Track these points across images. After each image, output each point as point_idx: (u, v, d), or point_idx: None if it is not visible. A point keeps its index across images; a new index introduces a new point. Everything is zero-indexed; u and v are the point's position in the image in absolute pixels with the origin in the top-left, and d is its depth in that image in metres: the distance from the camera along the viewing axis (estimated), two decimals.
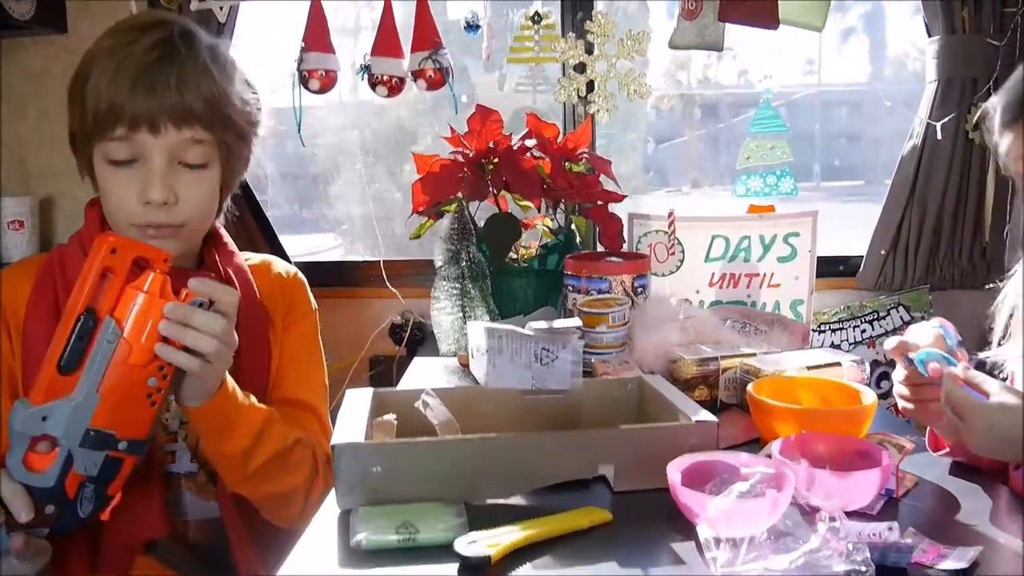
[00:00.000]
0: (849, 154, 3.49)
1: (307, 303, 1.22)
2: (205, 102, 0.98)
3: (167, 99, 0.96)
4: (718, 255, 1.53)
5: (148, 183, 0.97)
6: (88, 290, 0.81)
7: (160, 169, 0.98)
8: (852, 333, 1.91)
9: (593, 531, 0.79)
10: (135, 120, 0.95)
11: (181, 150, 0.99)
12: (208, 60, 1.00)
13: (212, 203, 1.07)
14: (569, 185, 1.50)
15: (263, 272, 1.19)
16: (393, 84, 1.80)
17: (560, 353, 0.97)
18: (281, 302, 1.18)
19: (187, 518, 1.08)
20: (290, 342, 1.17)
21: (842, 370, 1.12)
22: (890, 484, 0.84)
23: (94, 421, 0.82)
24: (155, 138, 0.97)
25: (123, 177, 0.98)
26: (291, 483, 1.03)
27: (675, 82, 2.78)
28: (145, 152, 0.97)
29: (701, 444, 0.87)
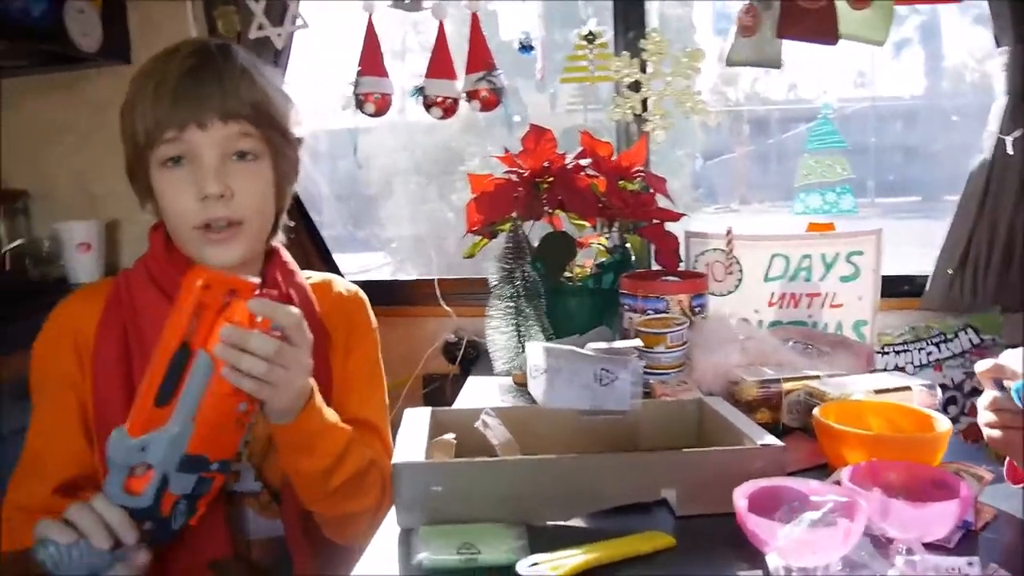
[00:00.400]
0: (905, 169, 3.40)
1: (368, 322, 1.23)
2: (247, 98, 1.01)
3: (210, 96, 0.99)
4: (777, 274, 1.50)
5: (202, 178, 0.99)
6: (182, 326, 0.82)
7: (212, 163, 1.00)
8: (918, 355, 1.84)
9: (656, 556, 0.78)
10: (183, 120, 0.98)
11: (230, 143, 1.01)
12: (246, 65, 1.03)
13: (268, 201, 1.08)
14: (624, 203, 1.49)
15: (324, 291, 1.20)
16: (448, 105, 1.82)
17: (620, 373, 0.95)
18: (342, 321, 1.19)
19: (250, 537, 1.09)
20: (352, 362, 1.18)
21: (912, 394, 1.08)
22: (968, 516, 0.80)
23: (189, 448, 0.83)
24: (203, 133, 0.99)
25: (178, 178, 1.00)
26: (364, 503, 1.03)
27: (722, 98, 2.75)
28: (196, 149, 1.00)
29: (767, 469, 0.85)
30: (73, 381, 1.04)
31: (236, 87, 1.01)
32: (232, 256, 1.05)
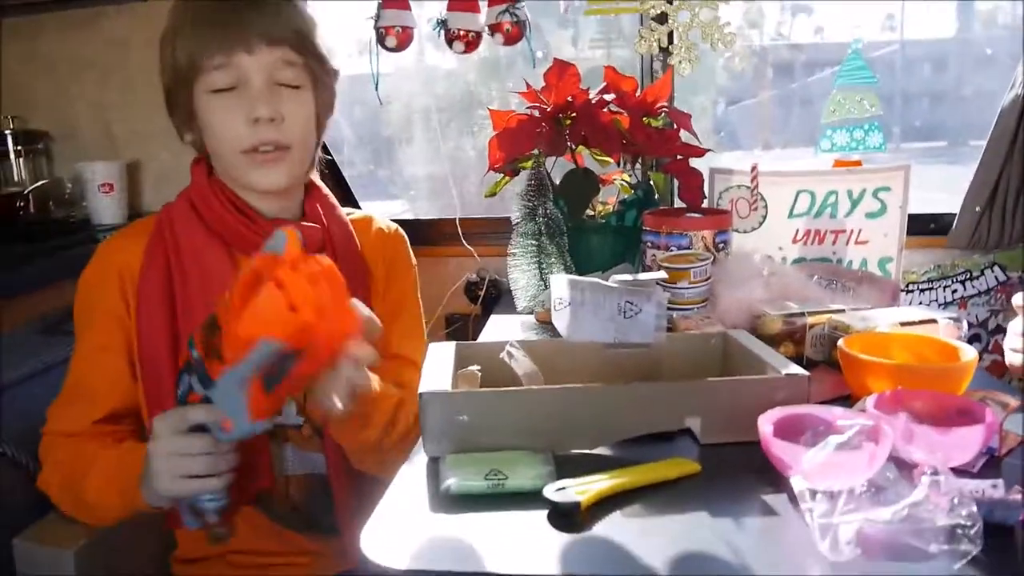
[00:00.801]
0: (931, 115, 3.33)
1: (408, 259, 1.25)
2: (291, 25, 1.03)
3: (255, 20, 1.01)
4: (803, 211, 1.48)
5: (254, 102, 1.01)
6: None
7: (262, 87, 1.02)
8: (943, 293, 1.84)
9: (681, 482, 0.79)
10: (230, 45, 0.99)
11: (277, 71, 1.03)
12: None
13: (311, 129, 1.10)
14: (648, 139, 1.46)
15: (365, 228, 1.21)
16: (470, 39, 1.79)
17: (644, 306, 0.95)
18: (382, 258, 1.20)
19: (288, 474, 1.11)
20: (392, 298, 1.20)
21: (938, 327, 1.08)
22: (992, 442, 0.81)
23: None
24: (252, 57, 1.01)
25: (228, 104, 1.02)
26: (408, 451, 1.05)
27: (747, 40, 2.69)
28: (245, 75, 1.01)
29: (791, 398, 0.85)
30: (118, 315, 1.06)
31: (278, 11, 1.03)
32: (279, 180, 1.06)
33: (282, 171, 1.06)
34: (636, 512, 0.73)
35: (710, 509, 0.72)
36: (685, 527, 0.70)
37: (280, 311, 0.73)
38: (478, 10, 1.80)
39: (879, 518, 0.62)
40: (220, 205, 1.08)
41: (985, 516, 0.64)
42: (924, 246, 1.91)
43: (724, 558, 0.64)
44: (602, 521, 0.71)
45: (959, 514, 0.62)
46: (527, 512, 0.73)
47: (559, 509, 0.72)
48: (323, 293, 0.74)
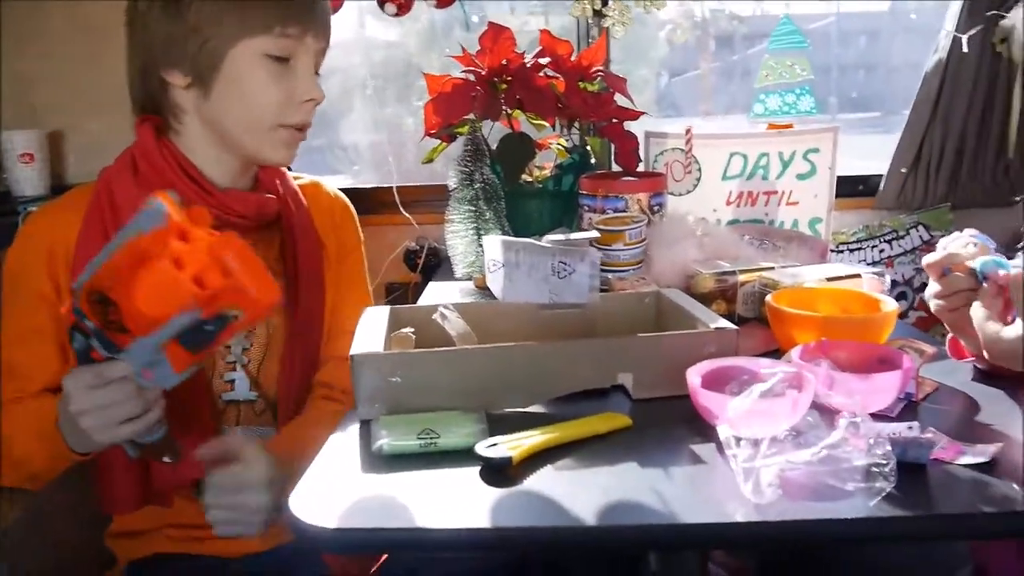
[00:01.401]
0: (867, 85, 3.40)
1: (358, 234, 1.25)
2: (329, 19, 1.07)
3: (322, 10, 1.05)
4: (736, 173, 1.50)
5: (309, 83, 1.04)
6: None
7: (312, 71, 1.05)
8: (871, 253, 1.89)
9: (613, 436, 0.80)
10: (306, 24, 1.02)
11: (317, 59, 1.06)
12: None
13: None
14: (584, 103, 1.46)
15: (314, 193, 1.20)
16: (402, 1, 1.76)
17: (577, 266, 0.96)
18: (332, 225, 1.20)
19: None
20: (344, 274, 1.19)
21: (862, 281, 1.11)
22: (910, 388, 0.84)
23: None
24: (314, 42, 1.04)
25: (278, 74, 1.02)
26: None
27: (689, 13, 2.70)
28: (301, 55, 1.03)
29: (720, 352, 0.87)
30: (47, 297, 1.02)
31: (327, 8, 1.07)
32: (292, 157, 1.09)
33: (295, 151, 1.08)
34: (567, 466, 0.74)
35: (640, 460, 0.74)
36: (615, 479, 0.71)
37: (183, 287, 0.71)
38: None
39: (799, 460, 0.64)
40: (169, 168, 1.03)
41: (899, 456, 0.67)
42: (853, 207, 1.96)
43: (652, 506, 0.66)
44: (533, 475, 0.72)
45: (875, 454, 0.64)
46: (459, 469, 0.73)
47: (491, 465, 0.72)
48: (225, 258, 0.72)
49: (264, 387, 1.10)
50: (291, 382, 1.09)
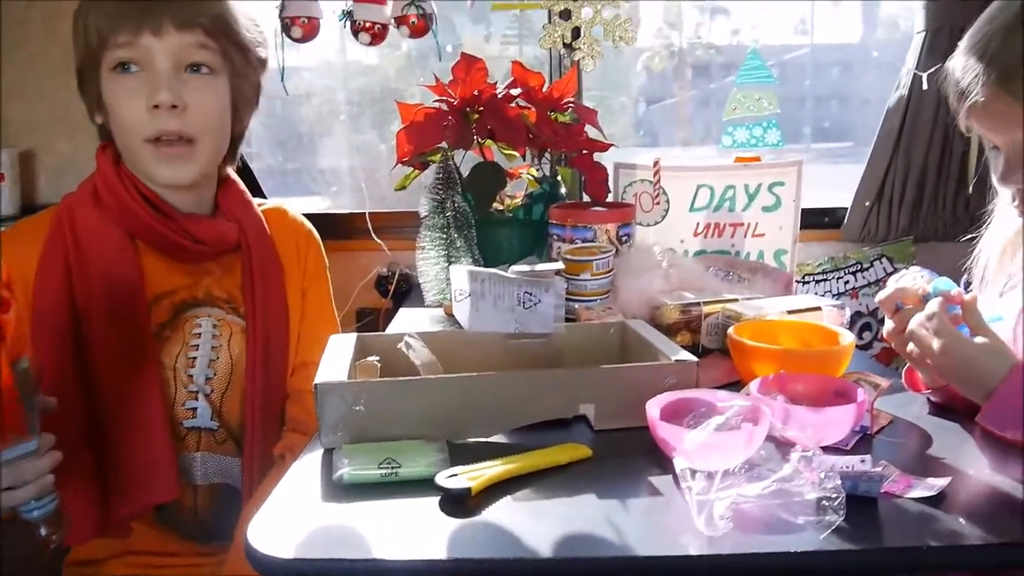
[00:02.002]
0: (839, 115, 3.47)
1: (324, 264, 1.24)
2: (206, 8, 0.99)
3: (168, 2, 0.97)
4: (703, 205, 1.53)
5: (155, 86, 0.98)
6: None
7: (166, 72, 0.98)
8: (836, 284, 1.92)
9: (573, 466, 0.80)
10: (138, 24, 0.96)
11: (186, 54, 0.99)
12: None
13: (224, 120, 1.06)
14: (554, 134, 1.49)
15: (278, 218, 1.19)
16: (376, 31, 1.77)
17: (542, 296, 0.97)
18: (294, 250, 1.19)
19: (196, 483, 1.09)
20: (309, 304, 1.19)
21: (822, 314, 1.13)
22: (865, 421, 0.85)
23: None
24: (158, 40, 0.97)
25: (129, 84, 0.98)
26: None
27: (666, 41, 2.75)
28: (150, 56, 0.98)
29: (680, 383, 0.88)
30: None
31: (165, 3, 0.98)
32: (186, 174, 1.03)
33: (189, 166, 1.02)
34: (526, 496, 0.74)
35: (598, 492, 0.74)
36: (573, 510, 0.71)
37: None
38: (384, 2, 1.79)
39: (751, 493, 0.65)
40: (128, 196, 1.03)
41: (850, 489, 0.68)
42: (819, 239, 2.00)
43: (608, 539, 0.66)
44: (492, 506, 0.72)
45: (825, 488, 0.66)
46: (419, 499, 0.74)
47: (450, 495, 0.73)
48: None
49: (226, 417, 1.09)
50: (254, 412, 1.08)
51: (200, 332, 1.08)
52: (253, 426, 1.08)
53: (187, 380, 1.07)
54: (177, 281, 1.09)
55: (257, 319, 1.10)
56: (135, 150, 1.01)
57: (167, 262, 1.08)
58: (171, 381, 1.06)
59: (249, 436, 1.08)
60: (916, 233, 1.94)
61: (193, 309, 1.09)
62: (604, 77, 1.96)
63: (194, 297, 1.09)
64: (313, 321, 1.19)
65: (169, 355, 1.06)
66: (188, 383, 1.07)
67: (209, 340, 1.08)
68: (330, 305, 1.24)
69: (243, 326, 1.11)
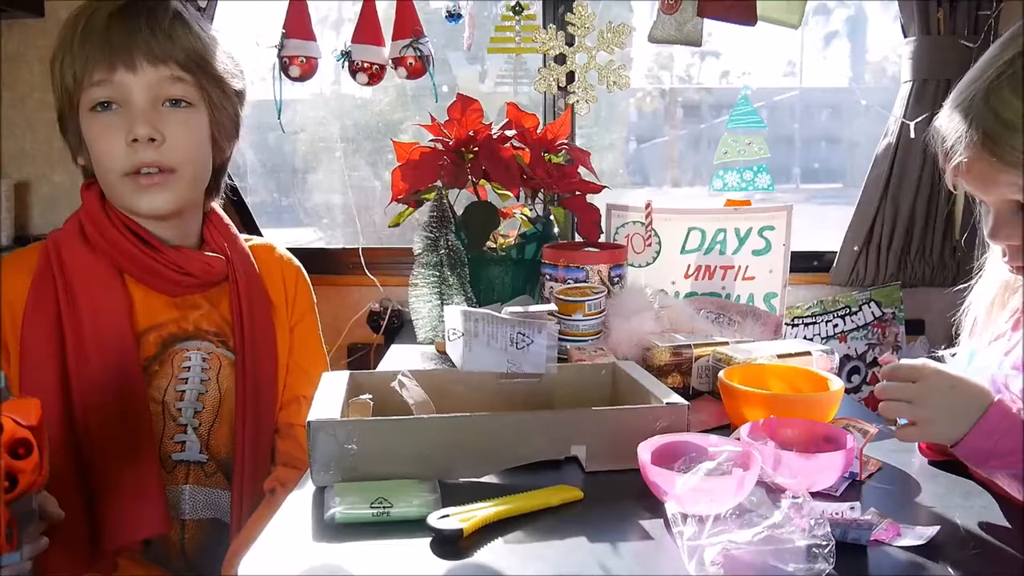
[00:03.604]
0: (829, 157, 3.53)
1: (312, 300, 1.25)
2: (179, 42, 1.00)
3: (140, 37, 0.98)
4: (694, 247, 1.55)
5: (132, 121, 0.99)
6: None
7: (143, 106, 1.00)
8: (824, 327, 1.94)
9: (564, 508, 0.80)
10: (111, 60, 0.97)
11: (162, 88, 1.00)
12: (179, 10, 1.03)
13: (203, 151, 1.07)
14: (548, 175, 1.51)
15: (266, 254, 1.20)
16: (373, 71, 1.81)
17: (535, 337, 0.98)
18: (281, 286, 1.19)
19: (184, 518, 1.08)
20: (298, 339, 1.19)
21: (812, 359, 1.14)
22: (854, 467, 0.86)
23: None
24: (134, 76, 0.98)
25: (107, 123, 1.00)
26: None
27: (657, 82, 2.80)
28: (126, 93, 0.99)
29: (671, 426, 0.89)
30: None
31: (167, 29, 1.00)
32: (164, 204, 1.03)
33: (166, 196, 1.03)
34: (518, 538, 0.74)
35: (589, 535, 0.74)
36: (564, 552, 0.71)
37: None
38: (382, 43, 1.83)
39: (741, 539, 0.66)
40: (115, 230, 1.04)
41: (839, 537, 0.69)
42: (808, 283, 2.02)
43: None
44: (484, 548, 0.72)
45: (815, 535, 0.66)
46: (411, 540, 0.74)
47: (442, 536, 0.73)
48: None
49: (214, 450, 1.09)
50: (243, 445, 1.08)
51: (189, 365, 1.08)
52: (243, 459, 1.07)
53: (176, 413, 1.07)
54: (165, 315, 1.09)
55: (247, 352, 1.10)
56: (115, 184, 1.02)
57: (155, 296, 1.09)
58: (159, 414, 1.06)
59: (238, 469, 1.08)
60: (904, 278, 1.96)
61: (182, 343, 1.09)
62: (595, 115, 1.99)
63: (183, 330, 1.09)
64: (302, 356, 1.20)
65: (157, 388, 1.06)
66: (177, 416, 1.07)
67: (198, 373, 1.08)
68: (319, 340, 1.25)
69: (232, 359, 1.11)
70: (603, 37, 1.68)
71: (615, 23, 1.70)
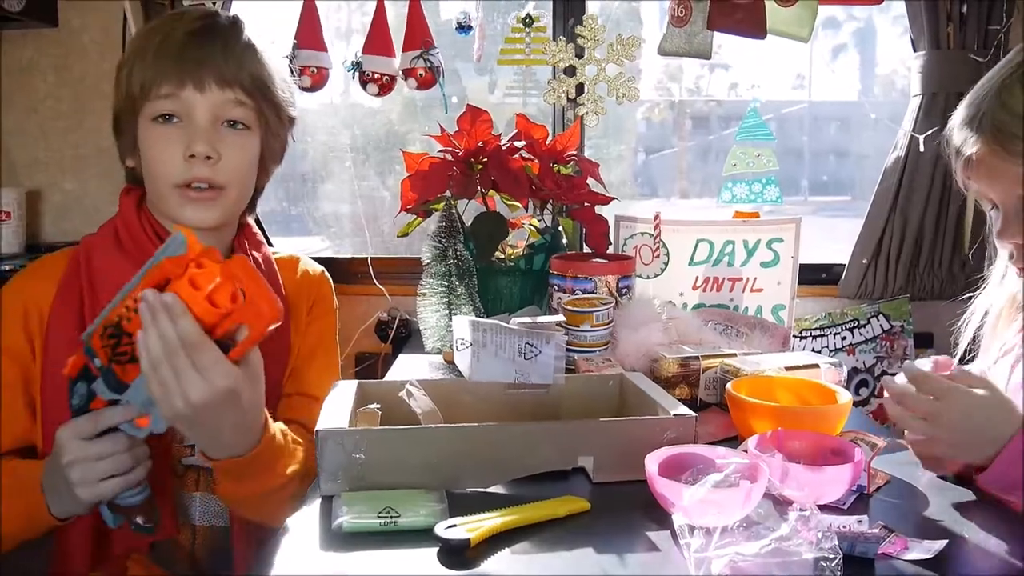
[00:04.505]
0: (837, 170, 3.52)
1: (331, 302, 1.25)
2: (247, 68, 1.04)
3: (212, 59, 1.01)
4: (702, 259, 1.55)
5: (193, 138, 1.01)
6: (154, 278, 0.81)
7: (204, 125, 1.02)
8: (833, 340, 1.94)
9: (571, 519, 0.81)
10: (181, 77, 1.00)
11: (224, 109, 1.03)
12: (251, 38, 1.06)
13: (251, 172, 1.10)
14: (556, 186, 1.51)
15: (291, 267, 1.22)
16: (384, 82, 1.82)
17: (543, 348, 0.98)
18: (306, 299, 1.21)
19: (195, 523, 1.09)
20: (312, 337, 1.19)
21: (820, 371, 1.14)
22: (862, 480, 0.86)
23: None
24: (200, 95, 1.01)
25: (168, 135, 1.02)
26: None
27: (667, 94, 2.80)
28: (190, 109, 1.01)
29: (679, 437, 0.89)
30: (20, 356, 1.03)
31: (239, 55, 1.03)
32: (210, 218, 1.06)
33: (214, 211, 1.05)
34: (524, 549, 0.74)
35: (596, 545, 0.74)
36: (570, 563, 0.72)
37: (200, 306, 0.77)
38: (393, 54, 1.84)
39: (748, 552, 0.66)
40: (148, 240, 1.06)
41: (847, 550, 0.69)
42: (816, 295, 2.02)
43: None
44: (491, 558, 0.72)
45: (823, 548, 0.66)
46: (418, 550, 0.74)
47: (449, 546, 0.73)
48: (236, 282, 0.78)
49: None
50: None
51: None
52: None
53: None
54: None
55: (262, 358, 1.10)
56: (164, 194, 1.04)
57: None
58: None
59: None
60: (912, 291, 1.96)
61: None
62: (604, 126, 1.99)
63: None
64: (317, 355, 1.20)
65: None
66: None
67: None
68: (335, 344, 1.25)
69: None
70: (613, 49, 1.69)
71: (625, 36, 1.71)
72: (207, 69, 1.01)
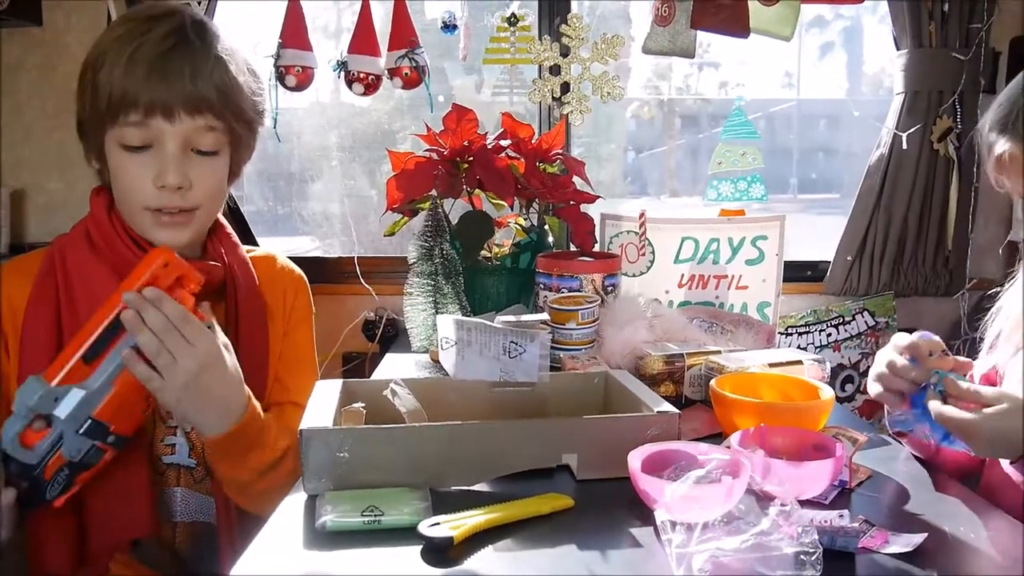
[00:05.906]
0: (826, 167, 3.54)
1: (310, 308, 1.25)
2: (218, 91, 1.01)
3: (182, 88, 0.98)
4: (687, 257, 1.56)
5: (163, 168, 0.99)
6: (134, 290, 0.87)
7: (174, 155, 1.00)
8: (818, 336, 1.95)
9: (555, 516, 0.81)
10: (150, 107, 0.97)
11: (194, 137, 1.01)
12: (220, 51, 1.03)
13: (222, 190, 1.10)
14: (542, 185, 1.52)
15: (268, 264, 1.21)
16: (370, 82, 1.82)
17: (528, 346, 0.98)
18: (283, 297, 1.20)
19: (176, 519, 1.09)
20: (291, 344, 1.19)
21: (803, 368, 1.15)
22: (843, 475, 0.86)
23: (97, 412, 0.87)
24: (170, 125, 0.99)
25: (138, 162, 1.00)
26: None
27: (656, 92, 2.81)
28: (160, 138, 0.99)
29: (662, 434, 0.89)
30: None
31: (207, 75, 1.00)
32: (182, 239, 1.06)
33: (185, 232, 1.04)
34: (508, 546, 0.75)
35: (579, 542, 0.75)
36: (553, 560, 0.72)
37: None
38: (378, 53, 1.84)
39: (729, 546, 0.66)
40: (120, 241, 1.05)
41: (827, 544, 0.69)
42: (802, 292, 2.03)
43: None
44: (474, 556, 0.72)
45: (803, 542, 0.67)
46: (402, 548, 0.74)
47: (432, 544, 0.73)
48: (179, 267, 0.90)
49: (203, 454, 1.09)
50: None
51: None
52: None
53: (166, 416, 1.07)
54: None
55: (241, 357, 1.10)
56: (134, 214, 1.03)
57: None
58: (150, 416, 1.06)
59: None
60: (897, 288, 1.97)
61: None
62: (593, 124, 1.99)
63: None
64: (297, 362, 1.20)
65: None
66: (167, 419, 1.07)
67: None
68: (313, 349, 1.25)
69: None
70: (597, 48, 1.69)
71: (610, 34, 1.71)
72: (175, 98, 0.98)
